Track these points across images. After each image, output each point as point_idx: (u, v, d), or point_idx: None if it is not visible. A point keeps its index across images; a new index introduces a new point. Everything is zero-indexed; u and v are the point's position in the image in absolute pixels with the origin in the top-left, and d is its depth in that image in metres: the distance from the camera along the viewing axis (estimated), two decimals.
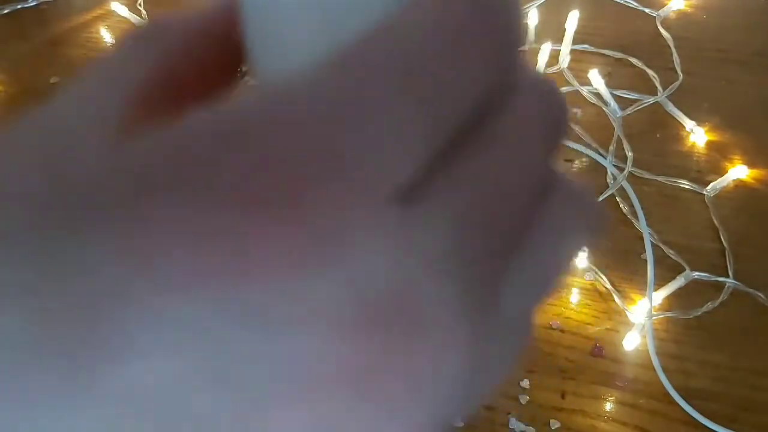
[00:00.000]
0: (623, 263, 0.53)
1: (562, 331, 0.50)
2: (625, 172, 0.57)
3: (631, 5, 0.70)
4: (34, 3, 0.80)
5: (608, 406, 0.46)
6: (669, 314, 0.50)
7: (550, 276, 0.15)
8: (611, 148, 0.59)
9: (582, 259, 0.52)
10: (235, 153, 0.10)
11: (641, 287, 0.51)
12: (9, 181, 0.12)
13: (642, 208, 0.55)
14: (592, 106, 0.63)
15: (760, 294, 0.50)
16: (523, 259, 0.14)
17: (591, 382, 0.47)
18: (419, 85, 0.12)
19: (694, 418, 0.45)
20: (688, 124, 0.60)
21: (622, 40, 0.68)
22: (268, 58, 0.14)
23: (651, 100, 0.62)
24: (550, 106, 0.15)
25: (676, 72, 0.64)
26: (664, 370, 0.47)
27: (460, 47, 0.12)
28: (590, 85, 0.63)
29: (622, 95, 0.63)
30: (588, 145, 0.60)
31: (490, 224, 0.12)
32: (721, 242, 0.53)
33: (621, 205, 0.56)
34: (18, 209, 0.11)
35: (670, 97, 0.62)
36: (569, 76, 0.64)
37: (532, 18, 0.67)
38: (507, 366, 0.14)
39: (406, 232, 0.11)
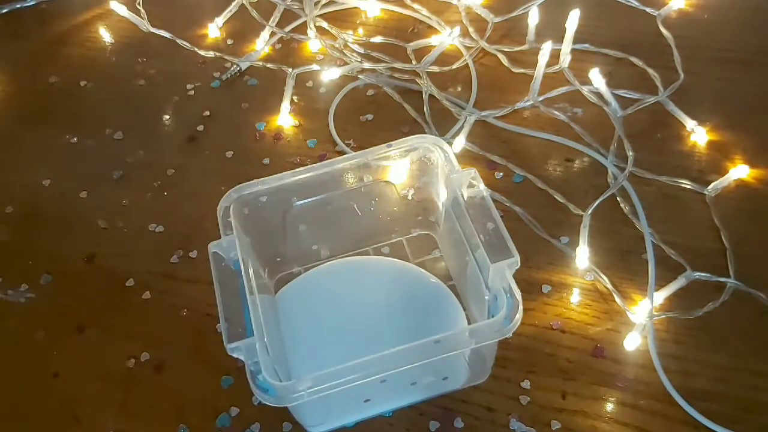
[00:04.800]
0: (624, 263, 0.53)
1: (562, 331, 0.50)
2: (626, 171, 0.57)
3: (631, 4, 0.70)
4: (33, 2, 0.80)
5: (609, 406, 0.46)
6: (670, 314, 0.49)
7: None
8: (612, 147, 0.59)
9: (583, 260, 0.52)
10: None
11: (642, 287, 0.51)
12: None
13: (643, 208, 0.55)
14: (592, 105, 0.63)
15: (761, 294, 0.50)
16: None
17: (592, 383, 0.47)
18: None
19: (695, 418, 0.45)
20: (689, 123, 0.60)
21: (623, 40, 0.67)
22: None
23: (652, 99, 0.62)
24: None
25: (677, 71, 0.64)
26: (665, 370, 0.47)
27: None
28: (591, 84, 0.63)
29: (622, 95, 0.62)
30: (589, 145, 0.60)
31: None
32: (722, 242, 0.53)
33: (622, 205, 0.56)
34: None
35: (671, 97, 0.62)
36: (570, 75, 0.64)
37: (533, 17, 0.66)
38: None
39: None
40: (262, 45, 0.72)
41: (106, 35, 0.76)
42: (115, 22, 0.77)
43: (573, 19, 0.62)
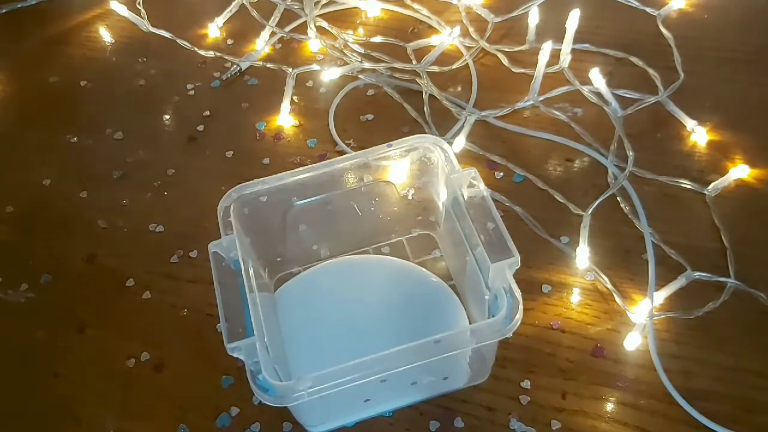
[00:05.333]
0: (624, 263, 0.53)
1: (563, 331, 0.50)
2: (626, 171, 0.57)
3: (632, 4, 0.70)
4: (34, 2, 0.80)
5: (609, 406, 0.46)
6: (670, 314, 0.49)
7: None
8: (612, 147, 0.59)
9: (583, 260, 0.52)
10: None
11: (642, 287, 0.51)
12: None
13: (643, 208, 0.55)
14: (593, 105, 0.63)
15: (761, 294, 0.50)
16: None
17: (592, 383, 0.47)
18: None
19: (695, 418, 0.45)
20: (689, 123, 0.60)
21: (623, 40, 0.67)
22: None
23: (652, 99, 0.62)
24: None
25: (677, 71, 0.64)
26: (665, 370, 0.47)
27: None
28: (591, 84, 0.63)
29: (623, 95, 0.62)
30: (589, 145, 0.60)
31: None
32: (722, 242, 0.53)
33: (622, 205, 0.56)
34: None
35: (671, 97, 0.62)
36: (570, 75, 0.64)
37: (533, 17, 0.66)
38: None
39: None
40: (262, 45, 0.72)
41: (106, 35, 0.76)
42: (115, 22, 0.77)
43: (573, 19, 0.62)
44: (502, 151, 0.60)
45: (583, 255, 0.52)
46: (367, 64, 0.67)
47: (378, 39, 0.70)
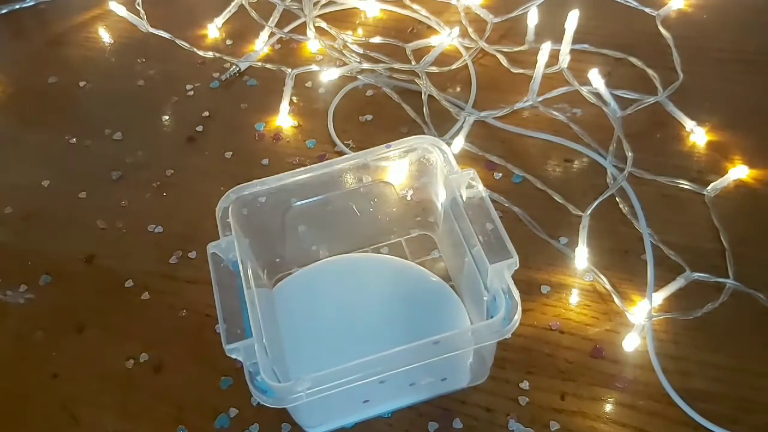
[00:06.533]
0: (623, 264, 0.53)
1: (561, 332, 0.50)
2: (625, 172, 0.57)
3: (631, 5, 0.70)
4: (33, 3, 0.80)
5: (608, 407, 0.46)
6: (669, 315, 0.49)
7: None
8: (611, 148, 0.59)
9: (582, 260, 0.52)
10: None
11: (641, 288, 0.51)
12: None
13: (642, 209, 0.55)
14: (592, 106, 0.62)
15: (760, 295, 0.50)
16: None
17: (591, 384, 0.47)
18: None
19: (694, 419, 0.45)
20: (689, 124, 0.60)
21: (622, 40, 0.67)
22: None
23: (651, 99, 0.62)
24: None
25: (677, 72, 0.64)
26: (664, 371, 0.47)
27: None
28: (590, 84, 0.63)
29: (622, 95, 0.62)
30: (588, 145, 0.60)
31: None
32: (722, 243, 0.53)
33: (621, 206, 0.56)
34: None
35: (670, 97, 0.62)
36: (569, 75, 0.64)
37: (532, 17, 0.66)
38: None
39: None
40: (261, 45, 0.72)
41: (105, 35, 0.76)
42: (114, 22, 0.77)
43: (572, 20, 0.62)
44: (501, 152, 0.60)
45: (582, 255, 0.52)
46: (366, 65, 0.67)
47: (377, 39, 0.70)
